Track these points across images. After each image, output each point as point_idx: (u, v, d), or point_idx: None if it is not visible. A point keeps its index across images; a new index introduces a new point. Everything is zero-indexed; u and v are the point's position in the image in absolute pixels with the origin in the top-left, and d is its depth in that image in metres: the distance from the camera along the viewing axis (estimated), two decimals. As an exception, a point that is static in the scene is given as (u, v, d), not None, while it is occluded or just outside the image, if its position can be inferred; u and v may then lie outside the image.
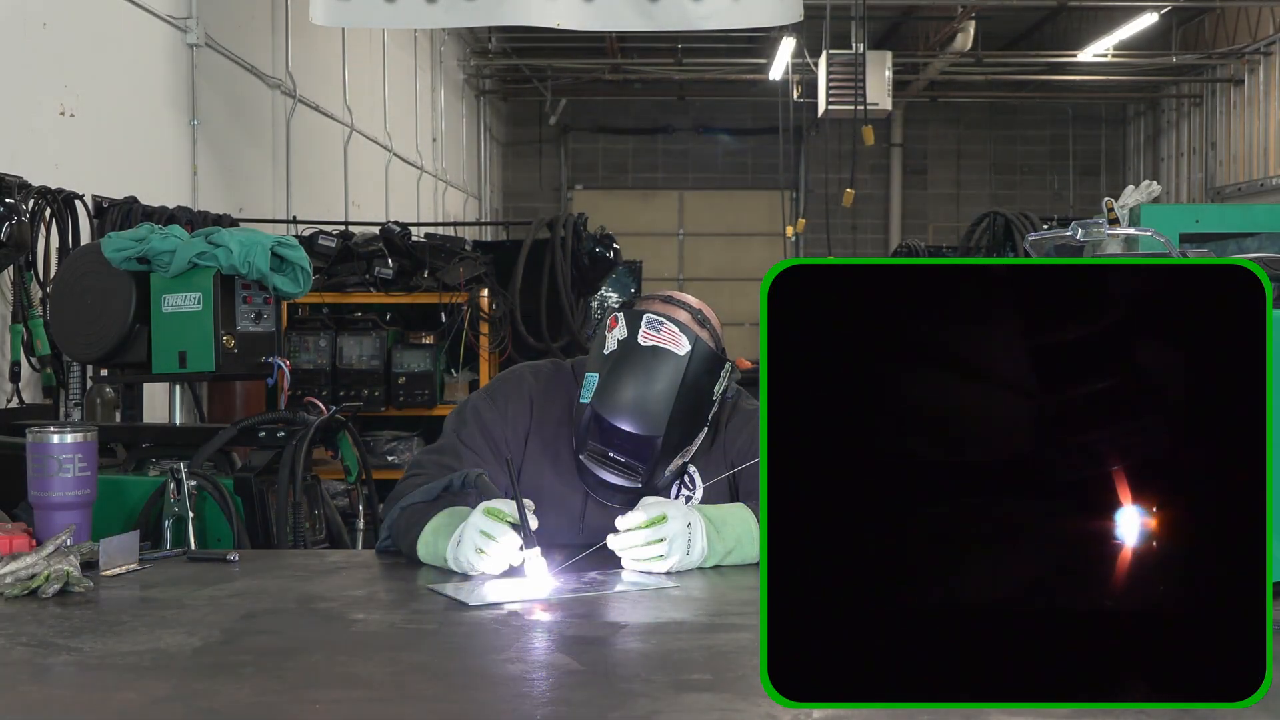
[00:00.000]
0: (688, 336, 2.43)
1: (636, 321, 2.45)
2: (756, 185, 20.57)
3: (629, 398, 2.40)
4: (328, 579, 2.31)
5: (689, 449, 2.51)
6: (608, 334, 2.48)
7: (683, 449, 2.48)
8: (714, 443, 2.60)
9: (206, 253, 3.47)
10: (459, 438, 2.56)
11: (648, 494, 2.45)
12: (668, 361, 2.42)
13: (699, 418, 2.48)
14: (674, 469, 2.51)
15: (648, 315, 2.45)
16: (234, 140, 8.45)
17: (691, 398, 2.43)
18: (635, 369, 2.41)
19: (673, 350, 2.42)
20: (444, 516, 2.36)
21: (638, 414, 2.40)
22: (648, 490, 2.47)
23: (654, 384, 2.40)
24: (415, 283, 6.89)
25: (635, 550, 2.31)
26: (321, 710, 1.57)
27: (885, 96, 12.98)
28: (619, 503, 2.49)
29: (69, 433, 2.44)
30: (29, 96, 5.70)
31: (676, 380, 2.41)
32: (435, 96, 14.89)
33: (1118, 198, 5.11)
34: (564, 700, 1.58)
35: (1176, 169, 18.92)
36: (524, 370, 2.67)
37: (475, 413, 2.58)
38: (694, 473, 2.57)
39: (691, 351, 2.43)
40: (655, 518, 2.31)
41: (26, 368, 5.19)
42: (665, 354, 2.42)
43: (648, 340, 2.43)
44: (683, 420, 2.43)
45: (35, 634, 1.90)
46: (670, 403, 2.40)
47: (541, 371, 2.65)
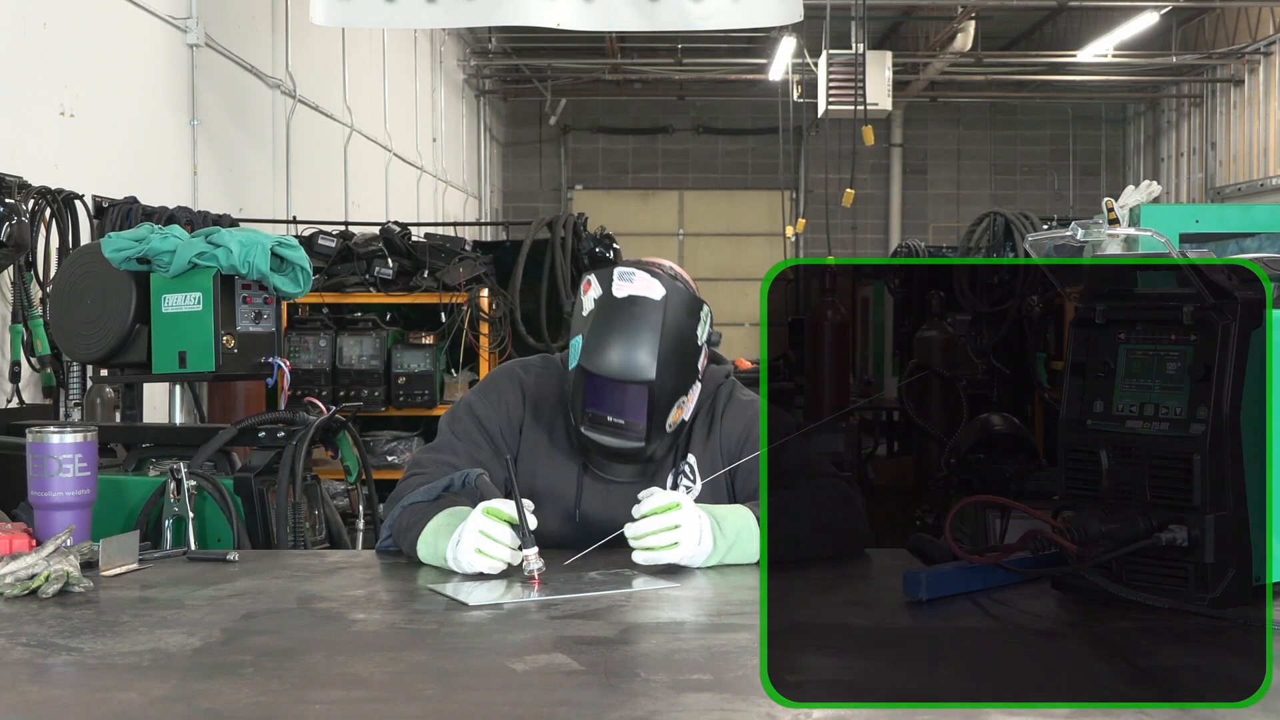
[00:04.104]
0: (661, 282, 2.47)
1: (608, 277, 2.48)
2: (756, 185, 20.58)
3: (615, 349, 2.42)
4: (328, 579, 2.31)
5: (684, 401, 2.51)
6: (583, 297, 2.51)
7: (677, 398, 2.49)
8: (710, 433, 2.61)
9: (206, 253, 3.47)
10: (455, 434, 2.59)
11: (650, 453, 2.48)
12: (646, 307, 2.44)
13: (687, 364, 2.50)
14: (673, 425, 2.51)
15: (618, 269, 2.49)
16: (234, 140, 8.45)
17: (675, 340, 2.46)
18: (616, 320, 2.44)
19: (649, 296, 2.45)
20: (444, 517, 2.36)
21: (626, 362, 2.41)
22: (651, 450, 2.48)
23: (637, 331, 2.43)
24: (415, 283, 6.89)
25: (649, 539, 2.32)
26: (321, 710, 1.57)
27: (885, 96, 12.99)
28: (624, 477, 2.51)
29: (69, 433, 2.44)
30: (29, 96, 5.70)
31: (658, 323, 2.44)
32: (435, 96, 14.89)
33: (1118, 198, 5.12)
34: (564, 700, 1.58)
35: (1176, 169, 18.92)
36: (513, 365, 2.71)
37: (469, 409, 2.61)
38: (693, 462, 2.57)
39: (667, 295, 2.46)
40: (669, 504, 2.33)
41: (26, 368, 5.20)
42: (642, 300, 2.45)
43: (623, 291, 2.46)
44: (672, 365, 2.45)
45: (35, 634, 1.90)
46: (656, 346, 2.43)
47: (531, 365, 2.69)
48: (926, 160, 21.11)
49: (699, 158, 21.00)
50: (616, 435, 2.47)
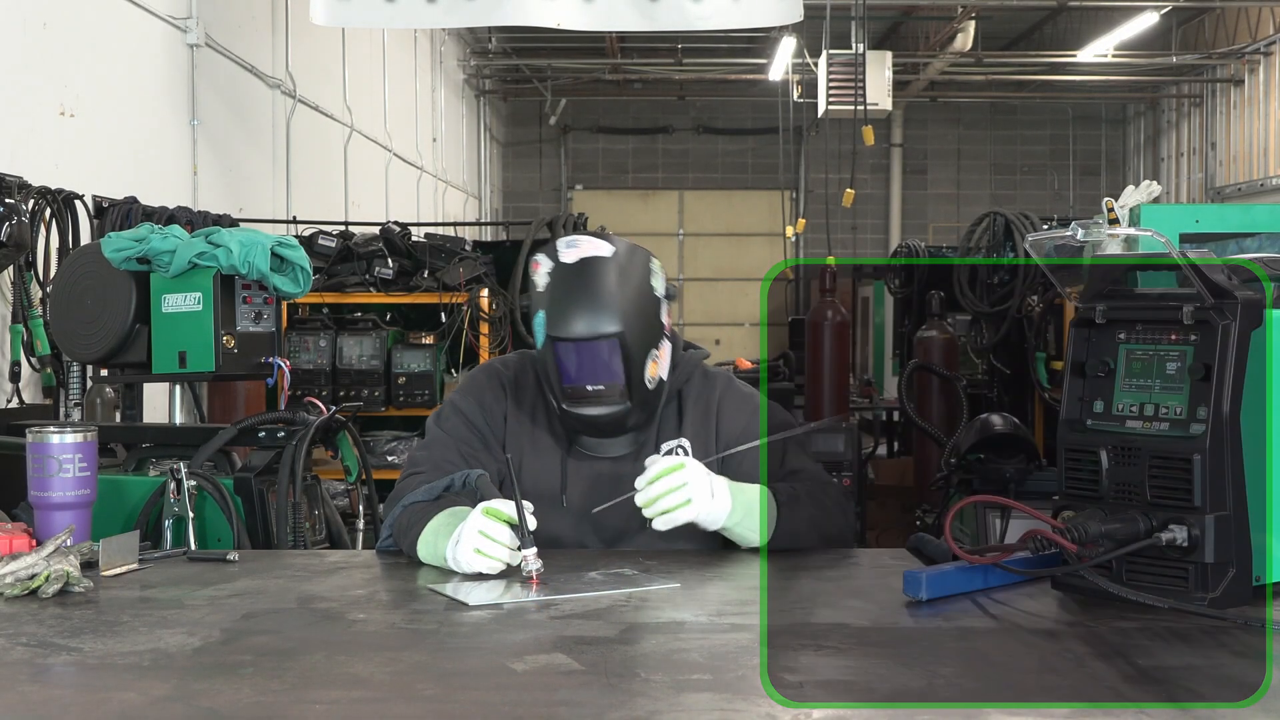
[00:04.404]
0: (605, 240, 2.51)
1: (554, 249, 2.52)
2: (756, 185, 20.57)
3: (578, 309, 2.44)
4: (328, 579, 2.31)
5: (657, 355, 2.53)
6: (535, 277, 2.53)
7: (649, 351, 2.50)
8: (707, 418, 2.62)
9: (206, 253, 3.47)
10: (444, 430, 2.62)
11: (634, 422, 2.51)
12: (599, 265, 2.47)
13: (651, 314, 2.51)
14: (651, 382, 2.52)
15: (562, 240, 2.53)
16: (234, 140, 8.45)
17: (635, 290, 2.49)
18: (573, 284, 2.47)
19: (599, 254, 2.49)
20: (444, 517, 2.36)
21: (592, 319, 2.44)
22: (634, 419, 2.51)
23: (596, 288, 2.45)
24: (415, 283, 6.88)
25: (661, 501, 2.35)
26: (321, 710, 1.57)
27: (885, 96, 12.98)
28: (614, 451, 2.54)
29: (69, 433, 2.44)
30: (29, 96, 5.70)
31: (614, 277, 2.47)
32: (435, 96, 14.89)
33: (1118, 198, 5.12)
34: (564, 700, 1.58)
35: (1176, 169, 18.92)
36: (492, 362, 2.75)
37: (454, 408, 2.65)
38: (686, 445, 2.58)
39: (616, 250, 2.50)
40: (673, 465, 2.35)
41: (26, 368, 5.19)
42: (593, 259, 2.48)
43: (572, 256, 2.49)
44: (635, 315, 2.47)
45: (35, 634, 1.90)
46: (617, 297, 2.45)
47: (509, 360, 2.73)
48: (926, 160, 21.10)
49: (699, 158, 21.00)
50: (599, 404, 2.49)
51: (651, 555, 2.44)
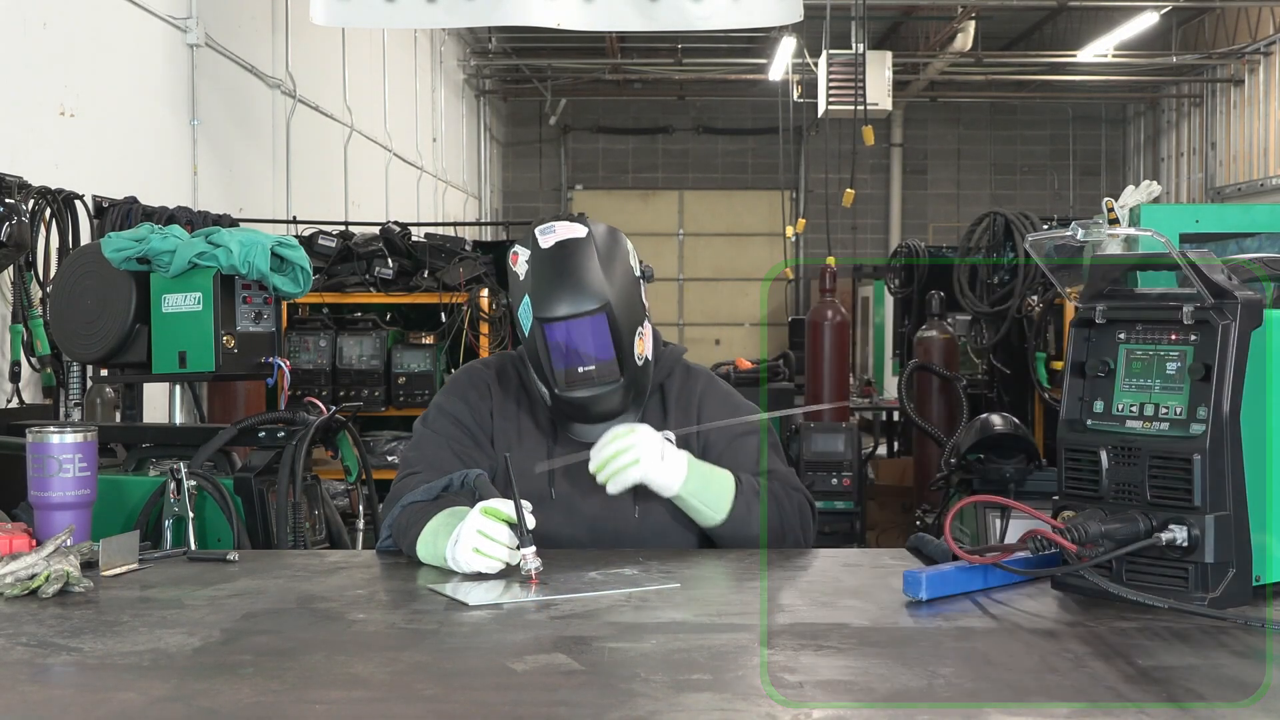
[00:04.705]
0: (581, 223, 2.54)
1: (531, 237, 2.56)
2: (756, 185, 20.57)
3: (563, 289, 2.47)
4: (328, 579, 2.31)
5: (642, 332, 2.56)
6: (515, 268, 2.57)
7: (634, 328, 2.53)
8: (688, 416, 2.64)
9: (206, 253, 3.47)
10: (434, 430, 2.63)
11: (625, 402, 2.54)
12: (576, 245, 2.51)
13: (631, 291, 2.54)
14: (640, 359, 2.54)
15: (537, 227, 2.56)
16: (234, 140, 8.45)
17: (615, 266, 2.52)
18: (554, 266, 2.50)
19: (575, 236, 2.52)
20: (444, 517, 2.36)
21: (577, 296, 2.46)
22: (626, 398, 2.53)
23: (576, 267, 2.48)
24: (415, 283, 6.89)
25: (611, 464, 2.39)
26: (321, 710, 1.57)
27: (885, 96, 12.98)
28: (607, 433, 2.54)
29: (69, 433, 2.44)
30: (29, 96, 5.69)
31: (593, 255, 2.50)
32: (435, 96, 14.89)
33: (1118, 198, 5.12)
34: (564, 700, 1.58)
35: (1176, 169, 18.92)
36: (474, 363, 2.78)
37: (440, 409, 2.66)
38: (671, 437, 2.59)
39: (591, 231, 2.53)
40: (625, 430, 2.41)
41: (26, 368, 5.19)
42: (570, 241, 2.52)
43: (549, 241, 2.53)
44: (618, 290, 2.50)
45: (35, 634, 1.90)
46: (599, 272, 2.48)
47: (489, 361, 2.77)
48: (926, 160, 21.10)
49: (699, 158, 21.00)
50: (593, 384, 2.51)
51: (651, 555, 2.44)
